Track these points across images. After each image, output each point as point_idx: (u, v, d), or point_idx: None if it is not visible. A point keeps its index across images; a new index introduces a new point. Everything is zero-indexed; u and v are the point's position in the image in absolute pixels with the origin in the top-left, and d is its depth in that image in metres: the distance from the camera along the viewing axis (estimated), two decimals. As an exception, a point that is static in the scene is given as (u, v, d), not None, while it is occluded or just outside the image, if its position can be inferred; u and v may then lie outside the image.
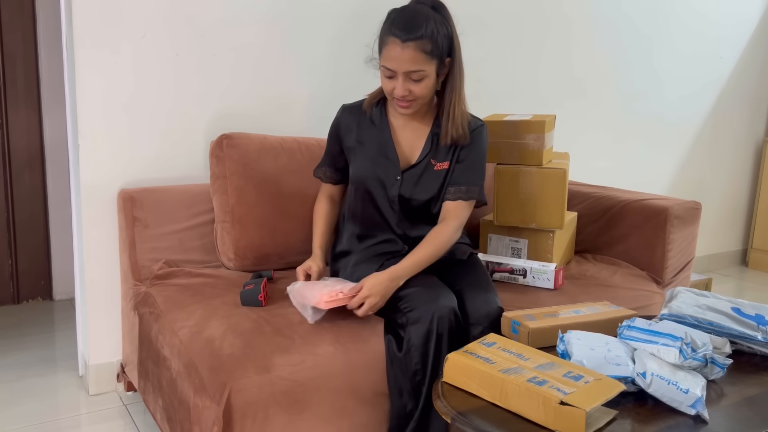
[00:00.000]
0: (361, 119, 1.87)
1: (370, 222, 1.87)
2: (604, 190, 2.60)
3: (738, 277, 3.86)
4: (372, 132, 1.85)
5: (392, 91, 1.73)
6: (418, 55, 1.67)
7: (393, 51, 1.68)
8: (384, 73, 1.73)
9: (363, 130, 1.86)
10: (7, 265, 2.97)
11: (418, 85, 1.71)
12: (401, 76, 1.69)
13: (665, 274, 2.29)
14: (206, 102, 2.23)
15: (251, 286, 1.78)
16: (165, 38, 2.13)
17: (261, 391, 1.46)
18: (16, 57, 2.87)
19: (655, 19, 3.35)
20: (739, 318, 1.54)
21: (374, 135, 1.85)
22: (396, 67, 1.68)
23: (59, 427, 2.01)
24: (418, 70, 1.68)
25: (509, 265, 2.08)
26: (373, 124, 1.86)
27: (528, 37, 2.95)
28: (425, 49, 1.67)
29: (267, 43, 2.31)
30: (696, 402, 1.21)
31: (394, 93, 1.72)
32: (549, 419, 1.16)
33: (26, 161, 2.95)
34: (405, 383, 1.60)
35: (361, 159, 1.85)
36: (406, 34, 1.66)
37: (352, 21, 2.45)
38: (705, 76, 3.66)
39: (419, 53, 1.67)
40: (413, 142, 1.85)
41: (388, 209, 1.84)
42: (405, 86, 1.70)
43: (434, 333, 1.58)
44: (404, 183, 1.82)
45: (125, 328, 2.11)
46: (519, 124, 2.15)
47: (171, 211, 2.07)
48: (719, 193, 3.92)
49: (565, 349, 1.38)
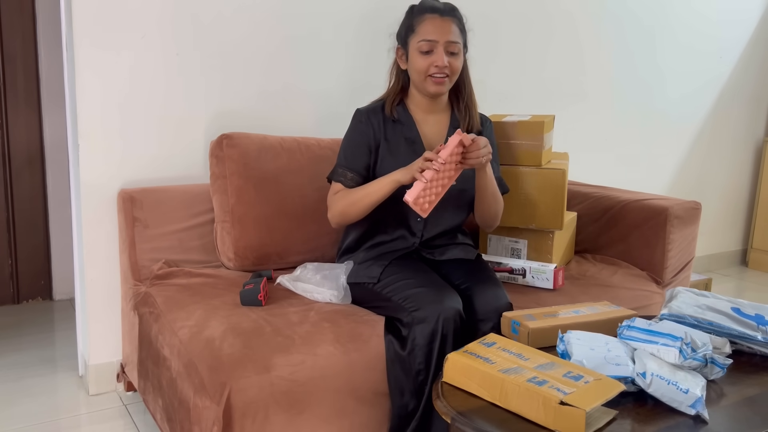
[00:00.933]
0: (385, 119, 1.88)
1: (389, 219, 1.87)
2: (604, 190, 2.60)
3: (738, 277, 3.86)
4: (398, 130, 1.87)
5: (429, 66, 1.77)
6: (456, 29, 1.79)
7: (433, 23, 1.77)
8: (420, 48, 1.77)
9: (389, 129, 1.87)
10: (7, 265, 2.97)
11: (455, 58, 1.79)
12: (441, 47, 1.76)
13: (665, 274, 2.29)
14: (206, 102, 2.23)
15: (251, 286, 1.78)
16: (165, 38, 2.13)
17: (261, 391, 1.46)
18: (16, 57, 2.87)
19: (655, 19, 3.35)
20: (739, 318, 1.54)
21: (401, 132, 1.87)
22: (438, 37, 1.76)
23: (59, 427, 2.01)
24: (456, 41, 1.78)
25: (509, 265, 2.08)
26: (398, 122, 1.87)
27: (527, 37, 2.95)
28: (460, 27, 1.81)
29: (267, 43, 2.31)
30: (696, 402, 1.21)
31: (436, 63, 1.76)
32: (549, 419, 1.16)
33: (26, 161, 2.95)
34: (407, 383, 1.60)
35: (391, 157, 1.85)
36: (444, 10, 1.79)
37: (353, 21, 2.45)
38: (705, 76, 3.66)
39: (456, 27, 1.79)
40: (436, 134, 1.90)
41: None
42: (445, 58, 1.76)
43: (439, 334, 1.58)
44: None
45: (125, 328, 2.11)
46: (518, 124, 2.15)
47: (171, 211, 2.07)
48: (719, 193, 3.92)
49: (565, 349, 1.38)
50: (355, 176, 1.84)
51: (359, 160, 1.85)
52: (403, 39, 1.84)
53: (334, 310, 1.76)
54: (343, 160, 1.87)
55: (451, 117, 1.92)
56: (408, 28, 1.81)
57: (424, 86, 1.81)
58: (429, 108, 1.88)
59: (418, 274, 1.75)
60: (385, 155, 1.86)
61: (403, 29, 1.84)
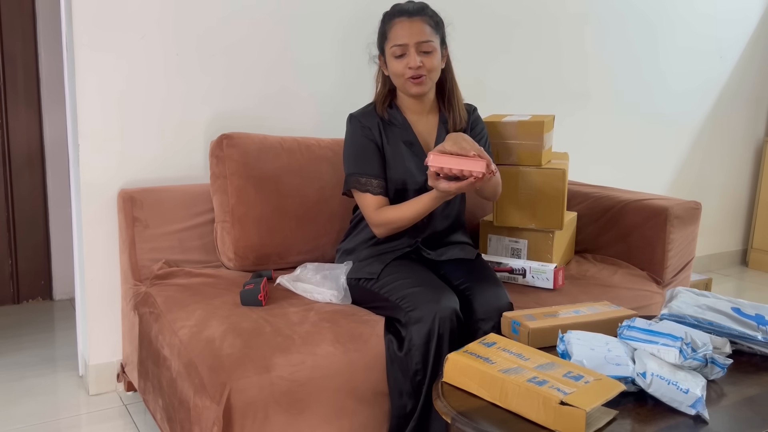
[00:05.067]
0: (380, 122, 1.88)
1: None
2: (604, 190, 2.60)
3: (738, 277, 3.86)
4: (394, 131, 1.88)
5: (404, 69, 1.78)
6: (425, 28, 1.78)
7: (402, 27, 1.78)
8: (394, 53, 1.78)
9: (387, 132, 1.87)
10: (7, 265, 2.97)
11: (428, 57, 1.78)
12: (413, 49, 1.76)
13: (665, 274, 2.29)
14: (206, 102, 2.23)
15: (251, 286, 1.78)
16: (165, 38, 2.13)
17: (261, 391, 1.46)
18: (16, 57, 2.87)
19: (656, 19, 3.35)
20: (739, 318, 1.54)
21: (397, 133, 1.87)
22: (407, 39, 1.76)
23: (59, 427, 2.01)
24: (427, 40, 1.77)
25: (509, 265, 2.08)
26: (392, 123, 1.88)
27: (527, 37, 2.95)
28: (430, 24, 1.80)
29: (267, 43, 2.31)
30: (696, 402, 1.21)
31: (409, 65, 1.77)
32: (549, 419, 1.16)
33: (26, 161, 2.95)
34: (405, 383, 1.60)
35: (392, 160, 1.85)
36: (412, 11, 1.79)
37: (353, 20, 2.45)
38: (705, 76, 3.66)
39: (426, 26, 1.78)
40: (429, 133, 1.91)
41: None
42: (418, 58, 1.76)
43: (436, 333, 1.58)
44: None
45: (125, 328, 2.11)
46: (518, 124, 2.15)
47: (171, 211, 2.07)
48: (719, 193, 3.92)
49: (565, 349, 1.38)
50: (380, 182, 1.82)
51: (375, 164, 1.83)
52: (380, 46, 1.87)
53: (334, 310, 1.76)
54: (356, 168, 1.83)
55: (439, 115, 1.93)
56: (382, 35, 1.84)
57: (406, 89, 1.83)
58: (417, 109, 1.90)
59: (415, 274, 1.75)
60: (387, 157, 1.86)
61: (379, 37, 1.86)
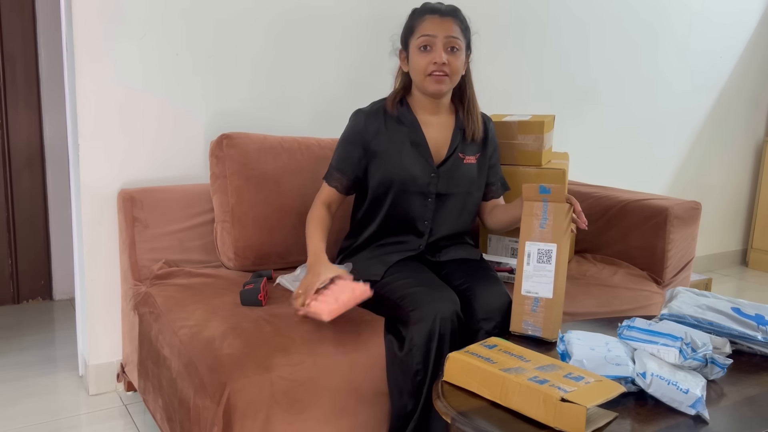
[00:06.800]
0: (387, 120, 1.85)
1: (394, 223, 1.87)
2: (604, 190, 2.60)
3: (738, 277, 3.86)
4: (401, 131, 1.84)
5: (428, 64, 1.76)
6: (456, 27, 1.77)
7: (432, 21, 1.76)
8: (420, 43, 1.77)
9: (391, 131, 1.84)
10: (7, 265, 2.98)
11: (454, 56, 1.77)
12: (440, 43, 1.75)
13: (665, 274, 2.29)
14: (206, 102, 2.23)
15: (251, 286, 1.78)
16: (165, 38, 2.13)
17: (261, 391, 1.46)
18: (16, 57, 2.88)
19: (656, 20, 3.35)
20: (739, 318, 1.54)
21: (405, 133, 1.84)
22: (437, 32, 1.75)
23: (59, 427, 2.01)
24: (456, 37, 1.76)
25: (509, 265, 2.08)
26: (401, 123, 1.85)
27: (528, 37, 2.95)
28: (460, 26, 1.79)
29: (267, 43, 2.31)
30: (696, 402, 1.21)
31: (434, 60, 1.75)
32: (549, 417, 1.16)
33: (26, 161, 2.95)
34: (405, 383, 1.60)
35: (394, 159, 1.83)
36: (444, 11, 1.79)
37: (353, 21, 2.46)
38: (705, 76, 3.66)
39: (456, 26, 1.78)
40: (441, 137, 1.87)
41: (420, 207, 1.84)
42: (444, 55, 1.75)
43: (436, 333, 1.58)
44: (440, 178, 1.84)
45: (125, 328, 2.11)
46: (518, 124, 2.15)
47: (171, 211, 2.07)
48: (719, 193, 3.92)
49: (565, 349, 1.38)
50: (342, 178, 1.85)
51: (348, 163, 1.85)
52: (404, 41, 1.84)
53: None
54: (335, 161, 1.87)
55: (455, 120, 1.90)
56: (409, 30, 1.82)
57: (424, 86, 1.79)
58: (432, 110, 1.86)
59: (416, 274, 1.75)
60: (389, 157, 1.83)
61: (405, 31, 1.84)
